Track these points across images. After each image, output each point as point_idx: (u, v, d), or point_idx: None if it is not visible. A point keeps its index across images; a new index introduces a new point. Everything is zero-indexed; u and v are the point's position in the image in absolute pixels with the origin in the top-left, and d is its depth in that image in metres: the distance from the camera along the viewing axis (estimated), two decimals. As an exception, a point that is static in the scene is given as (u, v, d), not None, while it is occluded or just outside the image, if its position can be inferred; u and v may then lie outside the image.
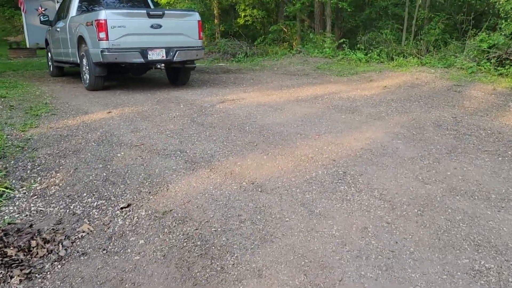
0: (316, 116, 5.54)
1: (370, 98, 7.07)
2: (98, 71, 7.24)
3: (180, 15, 7.53)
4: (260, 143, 4.39)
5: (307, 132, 4.79)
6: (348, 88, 8.28)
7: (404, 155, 4.08)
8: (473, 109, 6.52)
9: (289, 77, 10.03)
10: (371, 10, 16.98)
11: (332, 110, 5.92)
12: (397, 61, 11.90)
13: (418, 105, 6.66)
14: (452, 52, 12.14)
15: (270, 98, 6.82)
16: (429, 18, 17.56)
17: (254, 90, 7.87)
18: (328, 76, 10.15)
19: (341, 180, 3.48)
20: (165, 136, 4.60)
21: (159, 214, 2.90)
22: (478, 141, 4.60)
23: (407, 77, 9.66)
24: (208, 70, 12.17)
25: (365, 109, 6.06)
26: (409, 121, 5.44)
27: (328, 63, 12.43)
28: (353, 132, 4.84)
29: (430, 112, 6.14)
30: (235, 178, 3.50)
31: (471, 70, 9.63)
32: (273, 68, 12.31)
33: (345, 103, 6.53)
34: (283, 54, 14.67)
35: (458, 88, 8.27)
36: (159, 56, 7.29)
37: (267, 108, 5.98)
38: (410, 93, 7.82)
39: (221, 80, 9.57)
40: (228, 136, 4.61)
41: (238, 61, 14.80)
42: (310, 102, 6.51)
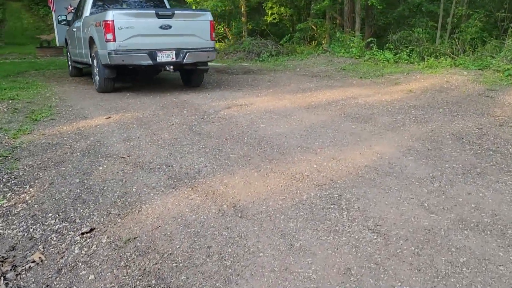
0: (324, 126, 5.13)
1: (390, 104, 6.57)
2: (107, 73, 7.09)
3: (191, 15, 7.27)
4: (255, 157, 4.05)
5: (309, 145, 4.40)
6: (369, 92, 7.78)
7: (413, 175, 3.62)
8: (504, 119, 5.90)
9: (309, 79, 9.60)
10: (404, 7, 16.18)
11: (344, 119, 5.48)
12: (428, 61, 11.21)
13: (442, 112, 6.10)
14: (489, 53, 11.30)
15: (280, 104, 6.45)
16: (467, 15, 16.56)
17: (268, 93, 7.51)
18: (351, 78, 9.64)
19: (334, 206, 3.08)
20: (156, 146, 4.34)
21: (120, 242, 2.62)
22: (502, 160, 4.07)
23: (437, 80, 9.02)
24: (228, 70, 11.90)
25: (380, 118, 5.59)
26: (427, 132, 4.94)
27: (354, 64, 11.87)
28: (361, 145, 4.41)
29: (454, 121, 5.58)
30: (217, 199, 3.17)
31: (508, 73, 8.88)
32: (296, 68, 11.89)
33: (360, 110, 6.07)
34: (309, 54, 14.20)
35: (491, 93, 7.60)
36: (169, 58, 7.06)
37: (274, 115, 5.62)
38: (436, 99, 7.24)
39: (238, 81, 9.27)
40: (222, 148, 4.29)
41: (262, 60, 14.45)
42: (322, 109, 6.09)
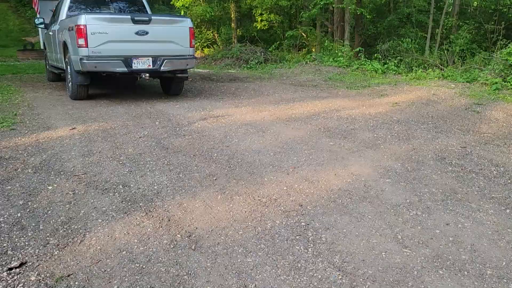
0: (300, 142, 4.85)
1: (373, 118, 6.33)
2: (80, 79, 6.78)
3: (169, 22, 6.98)
4: (222, 177, 3.76)
5: (282, 164, 4.12)
6: (353, 104, 7.54)
7: (389, 201, 3.36)
8: (490, 136, 5.68)
9: (294, 89, 9.35)
10: (394, 17, 16.06)
11: (322, 134, 5.21)
12: (416, 73, 11.03)
13: (426, 128, 5.87)
14: (478, 65, 11.16)
15: (259, 116, 6.18)
16: (457, 26, 16.49)
17: (249, 104, 7.24)
18: (337, 89, 9.41)
19: (300, 237, 2.80)
20: (117, 163, 4.03)
21: (51, 281, 2.31)
22: (485, 183, 3.82)
23: (423, 92, 8.82)
24: (214, 77, 11.62)
25: (361, 134, 5.33)
26: (408, 151, 4.69)
27: (341, 74, 11.66)
28: (336, 165, 4.14)
29: (437, 138, 5.35)
30: (171, 227, 2.87)
31: (496, 86, 8.70)
32: (283, 77, 11.65)
33: (341, 124, 5.81)
34: (297, 62, 13.99)
35: (478, 108, 7.40)
36: (145, 65, 6.76)
37: (250, 129, 5.34)
38: (422, 113, 7.02)
39: (221, 90, 8.99)
40: (188, 166, 4.00)
41: (250, 68, 14.21)
42: (301, 122, 5.82)
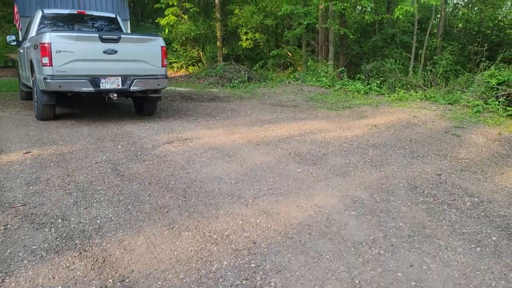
0: (267, 168, 4.60)
1: (349, 142, 6.10)
2: (45, 99, 6.49)
3: (139, 40, 6.77)
4: (174, 209, 3.47)
5: (243, 193, 3.85)
6: (330, 126, 7.34)
7: (351, 238, 3.09)
8: (467, 162, 5.48)
9: (273, 109, 9.14)
10: (378, 37, 16.07)
11: (292, 159, 4.96)
12: (399, 94, 10.90)
13: (402, 153, 5.65)
14: (461, 86, 11.09)
15: (230, 139, 5.93)
16: (442, 47, 16.55)
17: (223, 125, 7.00)
18: (317, 109, 9.23)
19: (247, 281, 2.52)
20: (63, 192, 3.73)
21: None
22: (456, 217, 3.58)
23: (404, 115, 8.66)
24: (194, 96, 11.40)
25: (333, 159, 5.09)
26: (379, 179, 4.45)
27: (323, 94, 11.51)
28: (301, 194, 3.88)
29: (412, 165, 5.13)
30: (105, 269, 2.57)
31: (477, 109, 8.58)
32: (264, 96, 11.47)
33: (314, 148, 5.57)
34: (280, 81, 13.85)
35: (458, 131, 7.24)
36: (114, 85, 6.51)
37: (216, 154, 5.07)
38: (400, 136, 6.82)
39: (197, 110, 8.75)
40: (140, 196, 3.71)
41: (233, 87, 14.04)
42: (273, 146, 5.58)
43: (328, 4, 13.63)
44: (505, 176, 5.02)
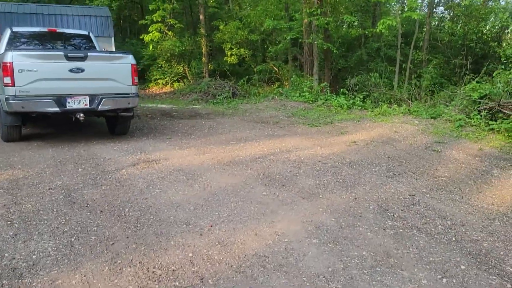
0: (231, 191, 4.36)
1: (324, 161, 5.90)
2: (9, 120, 6.25)
3: (108, 58, 6.57)
4: (121, 240, 3.22)
5: (200, 221, 3.61)
6: (308, 143, 7.14)
7: (308, 270, 2.85)
8: (444, 180, 5.28)
9: (253, 126, 8.94)
10: (363, 51, 16.04)
11: (260, 181, 4.74)
12: (382, 108, 10.76)
13: (377, 172, 5.45)
14: (444, 100, 10.98)
15: (199, 159, 5.70)
16: (427, 60, 16.55)
17: (196, 144, 6.78)
18: (297, 125, 9.04)
19: (183, 325, 2.26)
20: (4, 223, 3.47)
21: None
22: (425, 243, 3.35)
23: (386, 130, 8.50)
24: (175, 114, 11.19)
25: (303, 180, 4.87)
26: (349, 202, 4.23)
27: (306, 109, 11.35)
28: (262, 221, 3.64)
29: (386, 184, 4.92)
30: (27, 314, 2.30)
31: (459, 123, 8.44)
32: (246, 113, 11.28)
33: (286, 168, 5.36)
34: (264, 97, 13.69)
35: (438, 147, 7.07)
36: (81, 105, 6.28)
37: (181, 176, 4.83)
38: (378, 152, 6.64)
39: (175, 128, 8.53)
40: (88, 226, 3.45)
41: (216, 103, 13.86)
42: (242, 167, 5.36)
43: (311, 19, 13.57)
44: (482, 195, 4.83)
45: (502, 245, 3.43)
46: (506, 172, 5.85)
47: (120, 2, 20.58)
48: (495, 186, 5.25)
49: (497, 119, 8.21)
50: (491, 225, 3.89)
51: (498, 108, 8.37)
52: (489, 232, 3.70)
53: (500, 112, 8.33)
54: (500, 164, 6.21)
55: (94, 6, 19.66)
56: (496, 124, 7.94)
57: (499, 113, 8.36)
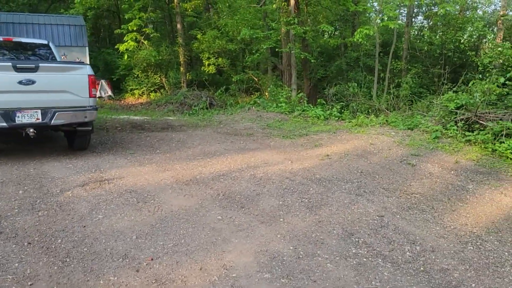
0: (182, 216, 3.97)
1: (292, 177, 5.55)
2: (-47, 136, 5.75)
3: (62, 69, 6.13)
4: (41, 281, 2.80)
5: (140, 253, 3.20)
6: (279, 157, 6.79)
7: (252, 314, 2.47)
8: (417, 198, 4.97)
9: (225, 139, 8.57)
10: (342, 60, 15.85)
11: (217, 203, 4.35)
12: (359, 119, 10.49)
13: (347, 190, 5.12)
14: (421, 111, 10.78)
15: (158, 177, 5.29)
16: (407, 69, 16.46)
17: (159, 160, 6.37)
18: (271, 138, 8.70)
19: None
20: None
21: None
22: (390, 274, 3.01)
23: (361, 142, 8.21)
24: (146, 126, 10.75)
25: (266, 200, 4.50)
26: (311, 225, 3.87)
27: (282, 120, 11.03)
28: (211, 252, 3.25)
29: (355, 204, 4.58)
30: None
31: (435, 135, 8.19)
32: (220, 124, 10.91)
33: (249, 187, 4.99)
34: (241, 107, 13.35)
35: (414, 160, 6.79)
36: (33, 119, 5.83)
37: (131, 198, 4.42)
38: (351, 167, 6.32)
39: (141, 142, 8.09)
40: (8, 262, 3.03)
41: (192, 114, 13.48)
42: (202, 186, 4.97)
43: (288, 28, 13.33)
44: (455, 214, 4.53)
45: (474, 275, 3.11)
46: (482, 187, 5.59)
47: (96, 11, 20.12)
48: (470, 203, 4.96)
49: (474, 130, 7.99)
50: (463, 250, 3.58)
51: (475, 119, 8.16)
52: (461, 259, 3.38)
53: (477, 123, 8.11)
54: (476, 178, 5.95)
55: (67, 15, 19.17)
56: (472, 136, 7.72)
57: (476, 124, 8.15)
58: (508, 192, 5.40)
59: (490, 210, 4.75)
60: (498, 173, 6.20)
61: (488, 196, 5.25)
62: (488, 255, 3.50)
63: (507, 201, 5.02)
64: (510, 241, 3.86)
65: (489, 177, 6.04)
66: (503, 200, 5.07)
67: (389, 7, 13.36)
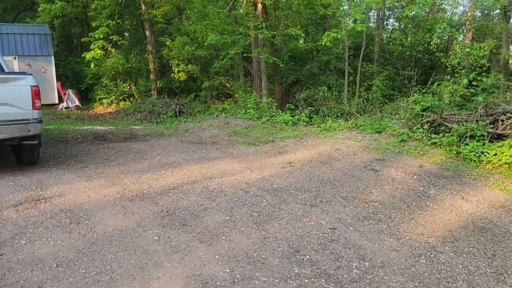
0: (116, 238, 3.64)
1: (247, 188, 5.28)
2: None
3: (2, 80, 5.74)
4: None
5: (56, 285, 2.87)
6: (239, 167, 6.52)
7: None
8: (375, 206, 4.76)
9: (187, 148, 8.25)
10: (312, 64, 15.71)
11: (158, 221, 4.04)
12: (327, 123, 10.30)
13: (303, 200, 4.87)
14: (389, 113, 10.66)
15: (102, 193, 4.95)
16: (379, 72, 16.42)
17: (109, 174, 6.02)
18: (235, 146, 8.42)
19: None
20: None
21: None
22: (329, 299, 2.74)
23: (327, 147, 8.00)
24: (109, 137, 10.34)
25: (212, 216, 4.21)
26: (255, 243, 3.59)
27: (250, 127, 10.77)
28: (137, 279, 2.95)
29: (308, 216, 4.33)
30: None
31: (401, 138, 8.04)
32: (186, 133, 10.58)
33: (198, 201, 4.69)
34: (210, 114, 13.04)
35: (377, 165, 6.61)
36: (-31, 134, 5.42)
37: (64, 219, 4.08)
38: (312, 175, 6.09)
39: (97, 154, 7.71)
40: None
41: (159, 122, 13.11)
42: (148, 201, 4.65)
43: (256, 33, 13.12)
44: (413, 224, 4.32)
45: (423, 294, 2.87)
46: (443, 192, 5.42)
47: (63, 19, 19.57)
48: (429, 210, 4.77)
49: (440, 133, 7.87)
50: (415, 264, 3.35)
51: (441, 121, 8.05)
52: (411, 275, 3.15)
53: (443, 125, 8.00)
54: (439, 183, 5.79)
55: (32, 24, 18.58)
56: (438, 138, 7.60)
57: (441, 126, 8.04)
58: (469, 196, 5.24)
59: (449, 217, 4.56)
60: (461, 177, 6.06)
61: (448, 201, 5.08)
62: (440, 269, 3.29)
63: (467, 207, 4.85)
64: (465, 251, 3.66)
65: (452, 181, 5.88)
66: (463, 206, 4.90)
67: (357, 10, 13.28)
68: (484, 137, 6.80)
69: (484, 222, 4.40)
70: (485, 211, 4.73)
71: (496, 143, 6.59)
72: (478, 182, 5.78)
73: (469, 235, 4.05)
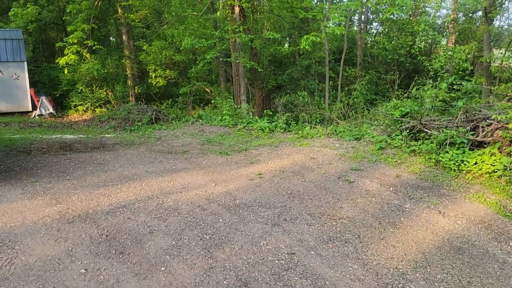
0: (35, 272, 3.14)
1: (205, 205, 4.80)
2: None
3: None
4: None
5: None
6: (204, 180, 6.04)
7: None
8: (344, 224, 4.31)
9: (154, 158, 7.74)
10: (293, 69, 15.31)
11: (92, 249, 3.54)
12: (304, 130, 9.88)
13: (265, 218, 4.41)
14: (371, 119, 10.28)
15: (40, 215, 4.44)
16: (361, 76, 16.09)
17: (58, 190, 5.50)
18: (205, 155, 7.94)
19: None
20: None
21: None
22: None
23: (301, 156, 7.56)
24: (76, 146, 9.78)
25: (156, 241, 3.72)
26: (200, 274, 3.12)
27: (225, 134, 10.30)
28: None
29: (266, 238, 3.87)
30: None
31: (380, 145, 7.64)
32: (158, 141, 10.08)
33: (146, 222, 4.20)
34: (186, 121, 12.55)
35: (353, 176, 6.19)
36: None
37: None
38: (281, 188, 5.64)
39: (55, 166, 7.17)
40: None
41: (133, 130, 12.56)
42: (88, 224, 4.14)
43: (233, 36, 12.68)
44: (383, 244, 3.88)
45: None
46: (420, 205, 5.00)
47: (38, 24, 18.94)
48: (403, 228, 4.34)
49: (419, 139, 7.48)
50: (379, 298, 2.90)
51: (420, 127, 7.65)
52: (373, 314, 2.69)
53: (422, 131, 7.61)
54: (416, 195, 5.37)
55: (4, 29, 17.93)
56: (417, 146, 7.20)
57: (421, 133, 7.64)
58: (447, 210, 4.83)
59: (423, 235, 4.14)
60: (439, 188, 5.65)
61: (424, 217, 4.66)
62: (408, 303, 2.84)
63: (443, 223, 4.43)
64: (438, 278, 3.23)
65: (430, 192, 5.48)
66: (440, 222, 4.48)
67: (337, 13, 12.91)
68: (464, 144, 6.41)
69: (461, 241, 3.98)
70: (463, 227, 4.32)
71: (477, 151, 6.21)
72: (457, 193, 5.37)
73: (444, 257, 3.62)
